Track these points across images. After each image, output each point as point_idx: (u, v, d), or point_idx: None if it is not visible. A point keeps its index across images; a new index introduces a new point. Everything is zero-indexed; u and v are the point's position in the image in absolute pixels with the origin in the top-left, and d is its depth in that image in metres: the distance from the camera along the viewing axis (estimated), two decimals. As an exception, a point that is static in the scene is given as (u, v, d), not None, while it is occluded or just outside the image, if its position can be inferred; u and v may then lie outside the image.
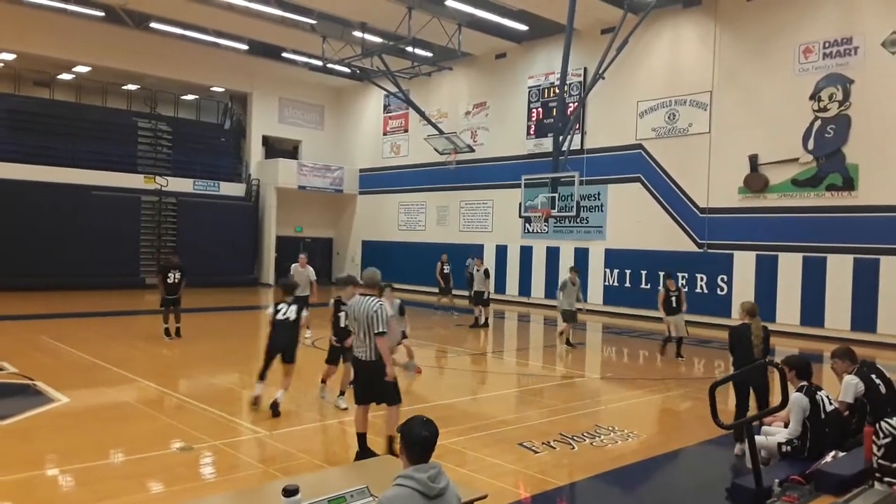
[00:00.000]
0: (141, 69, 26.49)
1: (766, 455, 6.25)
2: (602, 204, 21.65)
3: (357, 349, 6.58)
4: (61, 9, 22.36)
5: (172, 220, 26.63)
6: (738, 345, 7.55)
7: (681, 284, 18.01)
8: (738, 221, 18.54)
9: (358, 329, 6.50)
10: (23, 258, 22.43)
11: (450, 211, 26.60)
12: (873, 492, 5.31)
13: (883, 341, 15.61)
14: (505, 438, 7.59)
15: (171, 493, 5.80)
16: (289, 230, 29.91)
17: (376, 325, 6.38)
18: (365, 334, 6.44)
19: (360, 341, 6.52)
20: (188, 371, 11.10)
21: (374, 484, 3.61)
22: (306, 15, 22.17)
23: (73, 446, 6.93)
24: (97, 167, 24.88)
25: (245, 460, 6.76)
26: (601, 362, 13.32)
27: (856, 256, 16.39)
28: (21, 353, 11.71)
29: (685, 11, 19.71)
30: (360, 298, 6.60)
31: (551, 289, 22.81)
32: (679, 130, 19.77)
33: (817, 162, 17.16)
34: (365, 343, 6.47)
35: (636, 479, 6.62)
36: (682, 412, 9.48)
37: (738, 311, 8.40)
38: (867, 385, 6.44)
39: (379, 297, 6.72)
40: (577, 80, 22.12)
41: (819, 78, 17.10)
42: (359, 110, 31.21)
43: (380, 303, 6.57)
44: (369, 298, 6.56)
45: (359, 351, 6.55)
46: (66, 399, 8.77)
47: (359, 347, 6.54)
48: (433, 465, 3.13)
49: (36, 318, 16.55)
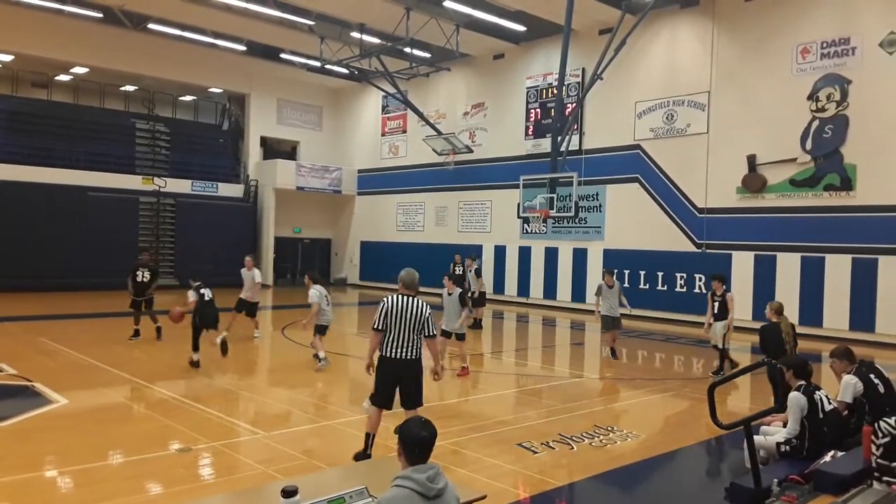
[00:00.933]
0: (139, 70, 26.48)
1: (765, 455, 6.26)
2: (600, 204, 21.67)
3: (396, 348, 6.41)
4: (59, 10, 22.36)
5: (170, 221, 26.62)
6: (770, 342, 7.62)
7: (680, 284, 18.05)
8: (736, 221, 18.56)
9: (401, 328, 6.38)
10: (21, 259, 22.40)
11: (448, 211, 26.60)
12: (872, 491, 5.31)
13: (881, 341, 15.64)
14: (504, 439, 7.59)
15: (170, 494, 5.79)
16: (287, 231, 29.92)
17: (429, 328, 6.44)
18: (410, 332, 6.38)
19: (402, 340, 6.39)
20: (186, 372, 11.09)
21: (373, 485, 3.61)
22: (304, 16, 22.17)
23: (71, 447, 6.92)
24: (95, 168, 24.88)
25: (244, 461, 6.75)
26: (600, 362, 13.31)
27: (854, 256, 16.42)
28: (20, 355, 11.70)
29: (683, 12, 19.73)
30: (404, 298, 6.46)
31: (550, 289, 22.88)
32: (677, 131, 19.80)
33: (815, 162, 17.18)
34: (409, 342, 6.39)
35: (635, 480, 6.63)
36: (681, 412, 9.49)
37: (767, 311, 8.59)
38: (866, 385, 6.44)
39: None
40: (576, 81, 22.14)
41: (817, 78, 17.13)
42: (357, 111, 31.22)
43: (429, 305, 6.56)
44: (415, 299, 6.48)
45: (398, 350, 6.41)
46: (64, 400, 8.77)
47: (399, 347, 6.40)
48: (432, 466, 3.13)
49: (34, 320, 16.53)
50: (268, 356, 13.75)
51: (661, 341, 16.20)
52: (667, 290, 19.77)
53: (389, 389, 6.47)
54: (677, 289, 19.59)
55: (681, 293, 19.51)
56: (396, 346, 6.39)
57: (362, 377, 11.37)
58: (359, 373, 11.65)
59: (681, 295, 19.50)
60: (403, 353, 6.39)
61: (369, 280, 29.71)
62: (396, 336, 6.38)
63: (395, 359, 6.40)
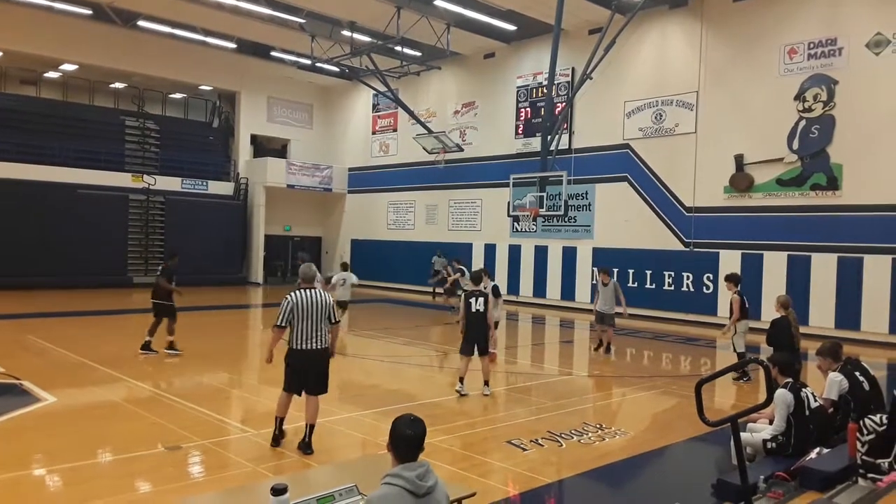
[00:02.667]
0: (128, 67, 26.35)
1: (752, 452, 6.32)
2: (590, 203, 21.75)
3: (304, 340, 6.77)
4: (48, 7, 22.21)
5: (160, 219, 26.51)
6: (780, 335, 7.70)
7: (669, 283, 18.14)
8: (723, 220, 18.68)
9: (308, 320, 6.74)
10: (9, 257, 22.25)
11: (439, 210, 26.63)
12: (857, 488, 5.39)
13: (866, 339, 15.79)
14: (493, 436, 7.63)
15: (160, 492, 5.79)
16: (277, 229, 29.85)
17: (332, 315, 6.91)
18: (318, 323, 6.78)
19: (310, 331, 6.77)
20: (176, 370, 11.07)
21: (363, 483, 3.64)
22: (295, 14, 22.13)
23: (59, 446, 6.90)
24: (84, 166, 24.75)
25: (234, 459, 6.75)
26: (589, 360, 13.38)
27: (840, 255, 16.56)
28: (8, 353, 11.64)
29: (672, 12, 19.83)
30: (306, 292, 6.81)
31: (540, 287, 22.94)
32: (665, 130, 19.90)
33: (802, 162, 17.32)
34: (316, 332, 6.79)
35: (623, 476, 6.68)
36: (668, 409, 9.56)
37: (774, 305, 8.72)
38: (851, 382, 6.52)
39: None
40: (565, 80, 22.20)
41: (804, 78, 17.26)
42: (348, 109, 31.18)
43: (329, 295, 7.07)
44: (316, 291, 6.89)
45: (306, 342, 6.78)
46: (52, 399, 8.74)
47: (307, 338, 6.78)
48: (421, 464, 3.15)
49: (22, 318, 16.43)
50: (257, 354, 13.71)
51: (650, 339, 16.30)
52: (655, 288, 19.87)
53: (300, 378, 6.85)
54: (665, 287, 19.70)
55: (669, 291, 19.63)
56: (305, 338, 6.76)
57: (352, 376, 11.41)
58: (349, 372, 11.68)
59: (669, 293, 19.62)
60: (311, 344, 6.77)
61: (360, 278, 29.55)
62: (305, 328, 6.75)
63: (304, 350, 6.78)
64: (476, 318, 9.37)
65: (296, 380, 6.87)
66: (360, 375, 11.32)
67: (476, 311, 9.36)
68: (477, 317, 9.37)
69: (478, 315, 9.38)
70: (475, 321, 9.38)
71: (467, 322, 9.45)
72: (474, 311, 9.36)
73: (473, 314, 9.38)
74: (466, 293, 9.56)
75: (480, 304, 9.40)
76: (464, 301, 9.56)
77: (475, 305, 9.37)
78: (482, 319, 9.42)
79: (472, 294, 9.49)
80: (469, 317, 9.40)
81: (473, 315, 9.37)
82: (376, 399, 8.55)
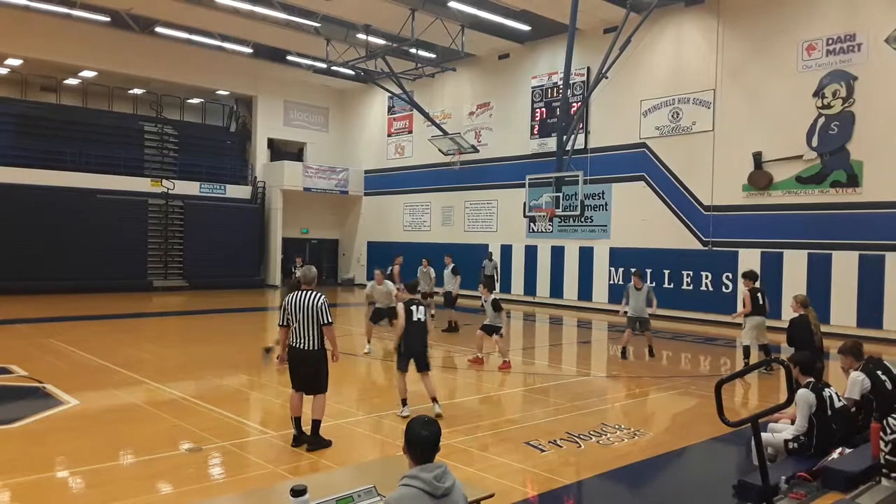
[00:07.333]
0: (146, 73, 26.61)
1: (773, 452, 6.26)
2: (606, 203, 21.66)
3: (297, 340, 7.01)
4: (67, 14, 22.50)
5: (179, 223, 26.77)
6: (800, 334, 7.64)
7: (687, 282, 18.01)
8: (742, 219, 18.52)
9: (299, 321, 6.97)
10: (31, 262, 22.59)
11: (454, 211, 26.63)
12: (880, 488, 5.32)
13: (889, 337, 15.58)
14: (511, 437, 7.61)
15: (181, 493, 5.84)
16: (294, 232, 30.01)
17: (324, 316, 6.99)
18: (307, 323, 6.96)
19: (301, 332, 7.00)
20: (196, 372, 11.16)
21: (381, 484, 3.65)
22: (310, 18, 22.25)
23: (82, 448, 6.98)
24: (104, 171, 25.07)
25: (253, 461, 6.80)
26: (607, 360, 13.31)
27: (861, 253, 16.36)
28: (30, 356, 11.80)
29: (688, 10, 19.70)
30: (300, 294, 7.03)
31: (557, 288, 22.88)
32: (683, 129, 19.76)
33: (821, 159, 17.13)
34: (307, 333, 6.96)
35: (643, 478, 6.64)
36: (688, 410, 9.49)
37: (792, 304, 8.64)
38: (873, 381, 6.44)
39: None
40: (581, 80, 22.13)
41: (823, 75, 17.07)
42: (363, 112, 31.29)
43: (324, 296, 7.16)
44: (310, 293, 7.07)
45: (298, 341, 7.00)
46: (75, 401, 8.84)
47: (299, 338, 7.00)
48: (438, 465, 3.16)
49: (45, 322, 16.65)
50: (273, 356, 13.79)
51: (669, 339, 16.18)
52: (673, 287, 19.74)
53: (296, 376, 7.10)
54: (684, 287, 19.56)
55: (687, 291, 19.49)
56: (297, 337, 7.00)
57: (371, 377, 11.45)
58: (367, 373, 11.72)
59: (687, 293, 19.48)
60: (302, 344, 6.96)
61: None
62: (297, 329, 6.99)
63: (296, 349, 7.01)
64: (417, 328, 8.33)
65: (294, 378, 7.12)
66: (380, 377, 11.36)
67: (417, 321, 8.33)
68: (418, 327, 8.33)
69: (419, 325, 8.34)
70: (416, 332, 8.32)
71: (406, 333, 8.27)
72: (415, 321, 8.31)
73: (415, 324, 8.31)
74: (406, 301, 8.47)
75: (421, 313, 8.40)
76: (403, 310, 8.33)
77: (416, 314, 8.33)
78: (422, 331, 8.42)
79: (411, 302, 8.45)
80: (409, 327, 8.26)
81: (414, 325, 8.30)
82: (395, 401, 8.55)
